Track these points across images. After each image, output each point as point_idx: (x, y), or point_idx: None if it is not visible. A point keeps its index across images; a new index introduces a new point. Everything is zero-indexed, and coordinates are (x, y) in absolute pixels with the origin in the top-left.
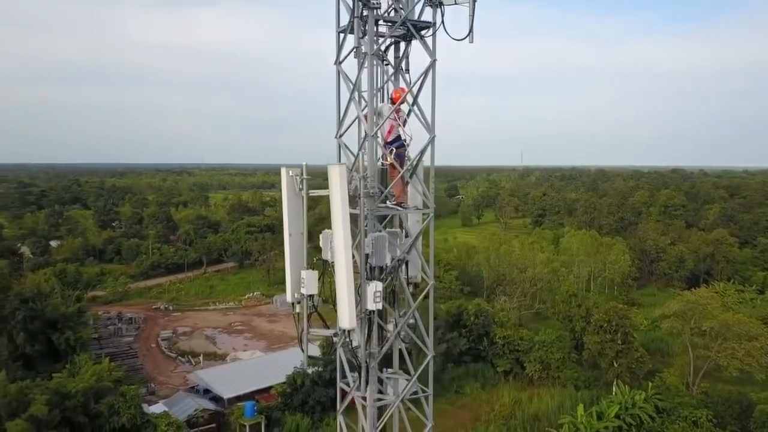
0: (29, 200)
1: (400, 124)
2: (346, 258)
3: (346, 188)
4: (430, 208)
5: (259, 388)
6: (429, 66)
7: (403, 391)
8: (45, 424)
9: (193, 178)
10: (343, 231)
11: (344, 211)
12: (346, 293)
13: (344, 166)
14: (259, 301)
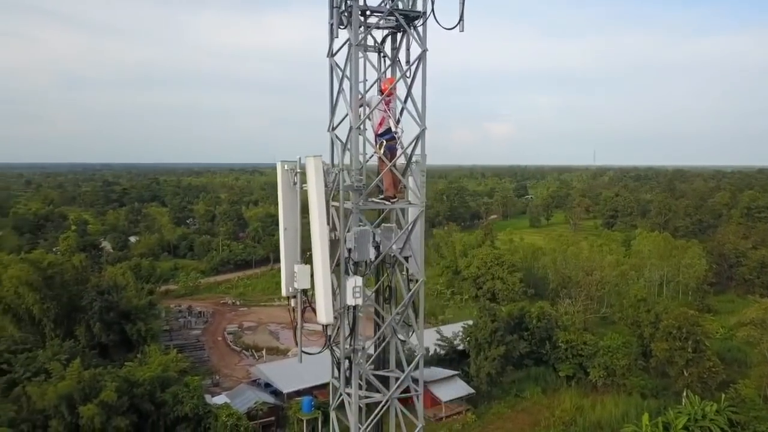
0: (112, 198)
1: (390, 116)
2: (322, 252)
3: (322, 181)
4: (420, 202)
5: (317, 384)
6: (419, 56)
7: (393, 390)
8: (114, 409)
9: (265, 177)
10: (319, 225)
11: (320, 205)
12: (323, 287)
13: (320, 158)
14: None
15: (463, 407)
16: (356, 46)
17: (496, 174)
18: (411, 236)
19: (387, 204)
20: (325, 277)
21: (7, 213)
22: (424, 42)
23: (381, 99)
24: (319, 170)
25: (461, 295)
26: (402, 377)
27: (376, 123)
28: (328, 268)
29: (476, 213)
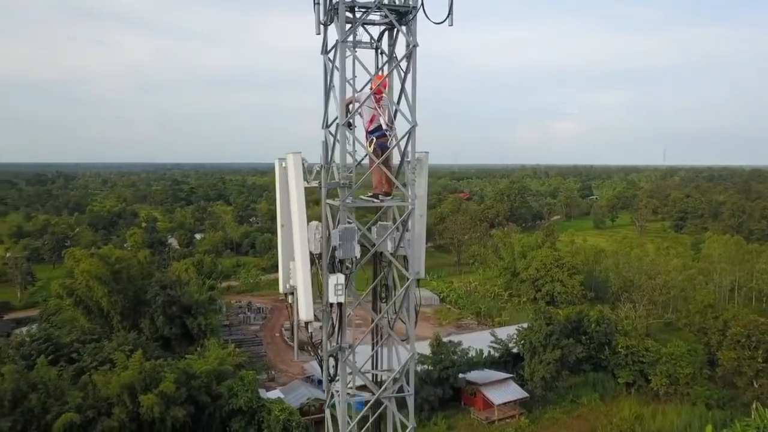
0: (180, 196)
1: (381, 113)
2: (302, 249)
3: (301, 178)
4: (410, 200)
5: None
6: (409, 52)
7: (381, 389)
8: (173, 400)
9: None
10: (299, 222)
11: (300, 201)
12: (303, 284)
13: (299, 155)
14: None
15: (517, 411)
16: (342, 42)
17: (560, 174)
18: (406, 234)
19: (375, 201)
20: (305, 274)
21: (85, 210)
22: (414, 37)
23: (368, 96)
24: (299, 167)
25: (519, 297)
26: (392, 376)
27: (367, 120)
28: (308, 265)
29: (538, 214)
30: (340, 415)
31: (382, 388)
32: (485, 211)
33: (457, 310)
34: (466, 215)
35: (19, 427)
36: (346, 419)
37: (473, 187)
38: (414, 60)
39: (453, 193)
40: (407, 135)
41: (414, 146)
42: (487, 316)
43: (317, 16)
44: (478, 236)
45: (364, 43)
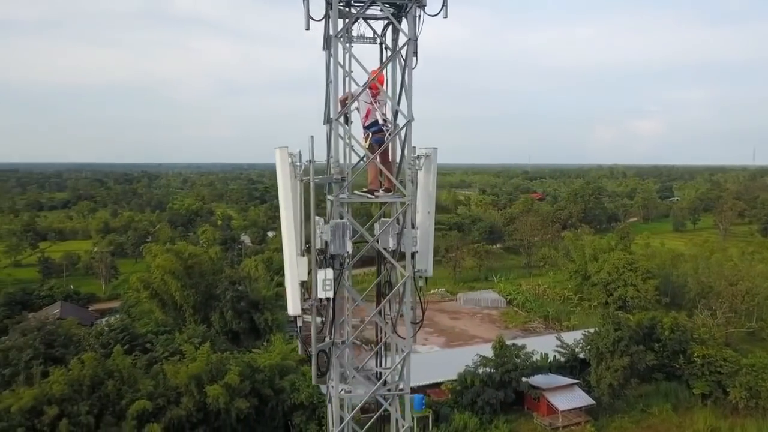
0: (255, 195)
1: (377, 108)
2: (289, 243)
3: (287, 173)
4: (406, 196)
5: (430, 382)
6: (404, 45)
7: (375, 388)
8: (237, 391)
9: None
10: (286, 217)
11: (286, 196)
12: (290, 278)
13: (285, 149)
14: (443, 298)
15: (582, 418)
16: (336, 37)
17: (638, 174)
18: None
19: (371, 197)
20: (292, 269)
21: (165, 208)
22: (412, 30)
23: (361, 90)
24: (285, 162)
25: (589, 301)
26: (386, 375)
27: (363, 115)
28: (295, 260)
29: (614, 215)
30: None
31: (376, 386)
32: (557, 212)
33: (524, 313)
34: (538, 216)
35: (95, 411)
36: (338, 416)
37: (547, 188)
38: (410, 53)
39: (525, 193)
40: (404, 130)
41: (410, 142)
42: (555, 320)
43: (306, 10)
44: (549, 238)
45: (367, 37)
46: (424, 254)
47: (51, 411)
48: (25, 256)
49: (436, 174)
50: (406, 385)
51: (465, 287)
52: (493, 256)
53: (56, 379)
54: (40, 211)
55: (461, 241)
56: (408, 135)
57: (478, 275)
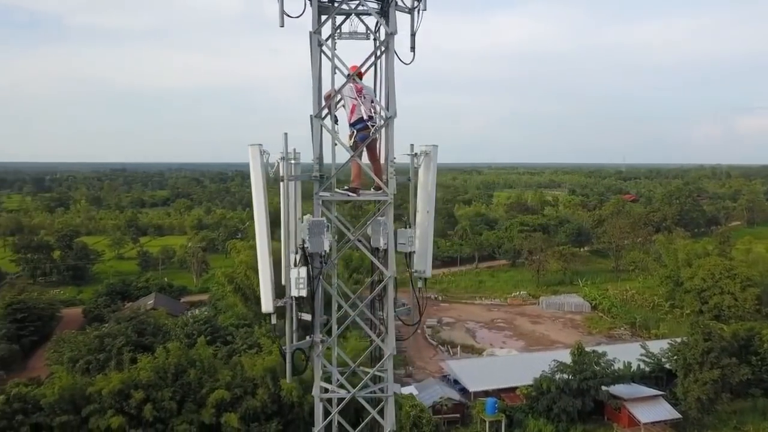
0: None
1: (361, 104)
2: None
3: (260, 169)
4: (387, 194)
5: (505, 386)
6: (385, 40)
7: (357, 388)
8: (310, 386)
9: (482, 176)
10: (258, 214)
11: (258, 194)
12: (262, 275)
13: (257, 147)
14: (525, 301)
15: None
16: (314, 33)
17: (744, 174)
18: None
19: (352, 195)
20: (264, 266)
21: None
22: (393, 25)
23: (342, 86)
24: (257, 159)
25: (681, 309)
26: (369, 374)
27: (349, 111)
28: (270, 257)
29: (714, 218)
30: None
31: (359, 386)
32: (650, 214)
33: (609, 318)
34: (629, 218)
35: (178, 398)
36: (320, 415)
37: (641, 189)
38: (391, 48)
39: (617, 194)
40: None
41: (391, 138)
42: (642, 328)
43: (281, 6)
44: (640, 241)
45: (360, 33)
46: (423, 254)
47: (137, 395)
48: (126, 249)
49: (436, 172)
50: (390, 387)
51: (548, 291)
52: (579, 259)
53: (143, 365)
54: (142, 208)
55: (546, 243)
56: (390, 132)
57: (563, 279)
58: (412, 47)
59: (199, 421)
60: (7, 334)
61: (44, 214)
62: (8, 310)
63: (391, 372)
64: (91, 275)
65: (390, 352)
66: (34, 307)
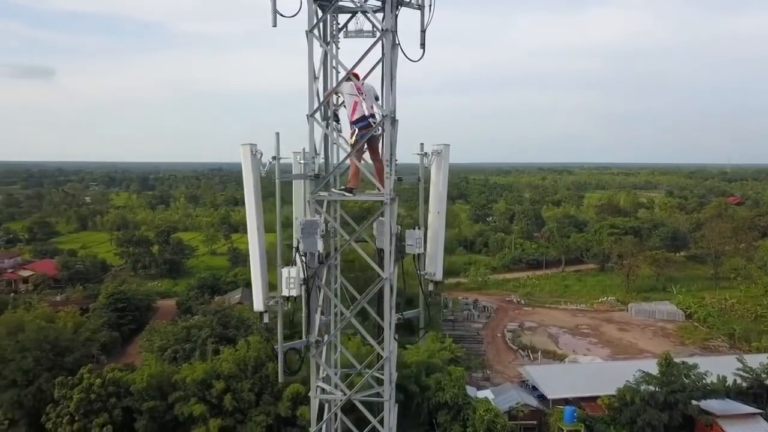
0: None
1: (362, 101)
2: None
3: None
4: (384, 194)
5: (586, 395)
6: (379, 38)
7: (353, 390)
8: None
9: (573, 177)
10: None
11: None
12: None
13: (248, 147)
14: (612, 307)
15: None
16: (309, 32)
17: None
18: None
19: (348, 195)
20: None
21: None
22: (388, 21)
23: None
24: (247, 158)
25: None
26: (364, 378)
27: (350, 110)
28: (264, 256)
29: None
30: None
31: (354, 389)
32: (756, 218)
33: (705, 329)
34: (731, 222)
35: (256, 390)
36: (315, 416)
37: (747, 190)
38: (385, 46)
39: (720, 196)
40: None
41: (388, 137)
42: (742, 340)
43: (273, 4)
44: (743, 247)
45: (366, 32)
46: (434, 256)
47: (219, 385)
48: (219, 245)
49: (447, 172)
50: (386, 391)
51: (638, 297)
52: (673, 265)
53: (225, 357)
54: (235, 206)
55: (637, 247)
56: (387, 130)
57: (655, 285)
58: (422, 44)
59: (276, 413)
60: (109, 322)
61: (147, 210)
62: (110, 300)
63: (388, 376)
64: (185, 269)
65: (387, 355)
66: (133, 297)
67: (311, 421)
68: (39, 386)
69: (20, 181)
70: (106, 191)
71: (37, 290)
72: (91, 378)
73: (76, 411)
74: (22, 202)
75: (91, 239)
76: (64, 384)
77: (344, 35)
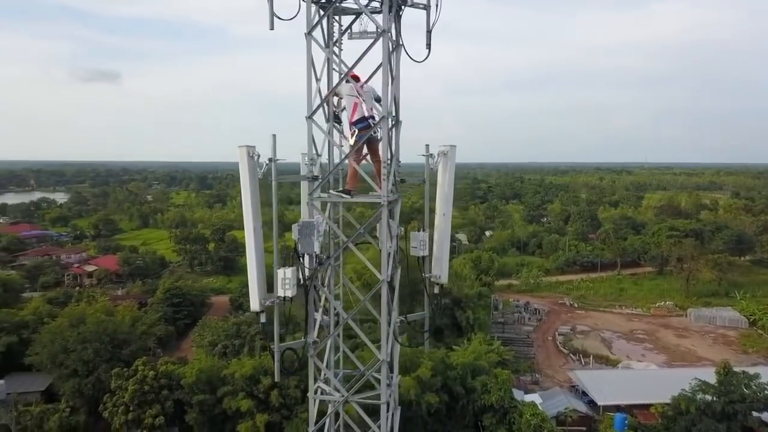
0: (477, 194)
1: (362, 102)
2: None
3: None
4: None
5: (638, 402)
6: (376, 39)
7: (350, 391)
8: (428, 385)
9: (632, 177)
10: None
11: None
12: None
13: (244, 148)
14: (670, 312)
15: None
16: (308, 35)
17: None
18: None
19: (345, 197)
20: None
21: None
22: (386, 22)
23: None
24: (244, 161)
25: None
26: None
27: (350, 111)
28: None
29: None
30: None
31: (351, 390)
32: None
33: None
34: None
35: (302, 387)
36: (313, 419)
37: None
38: (384, 47)
39: None
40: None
41: (387, 138)
42: None
43: (270, 7)
44: None
45: (369, 33)
46: (439, 259)
47: (266, 381)
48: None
49: (453, 173)
50: (384, 393)
51: (698, 302)
52: (737, 269)
53: None
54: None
55: (698, 250)
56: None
57: (716, 290)
58: (428, 44)
59: None
60: (165, 317)
61: (204, 209)
62: (167, 295)
63: (385, 378)
64: (239, 266)
65: (383, 358)
66: (188, 293)
67: (310, 421)
68: (98, 376)
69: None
70: (167, 190)
71: (100, 285)
72: (145, 370)
73: (131, 401)
74: (89, 200)
75: (151, 236)
76: (120, 375)
77: (349, 36)
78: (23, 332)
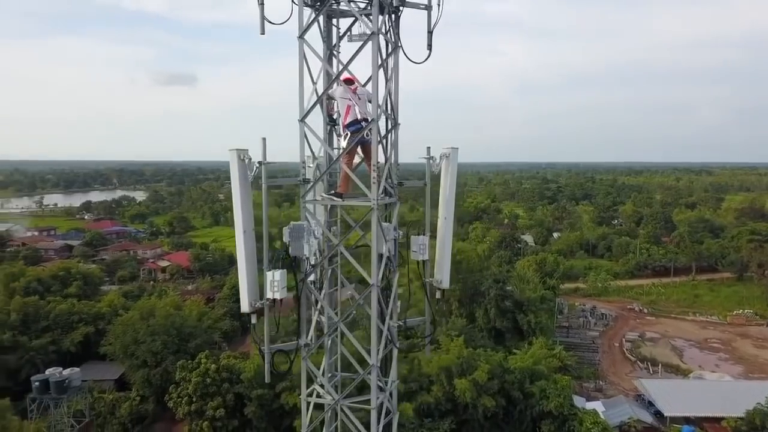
0: (546, 195)
1: (355, 104)
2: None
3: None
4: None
5: (709, 415)
6: (365, 41)
7: (342, 394)
8: (485, 389)
9: (712, 177)
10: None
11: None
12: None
13: (235, 151)
14: (749, 321)
15: None
16: (300, 38)
17: None
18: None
19: (337, 200)
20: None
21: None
22: (375, 24)
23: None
24: (235, 163)
25: None
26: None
27: (343, 113)
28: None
29: None
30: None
31: (344, 393)
32: None
33: None
34: None
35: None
36: (306, 419)
37: None
38: (374, 48)
39: None
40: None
41: (376, 141)
42: None
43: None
44: None
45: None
46: (441, 263)
47: None
48: None
49: (455, 177)
50: (373, 398)
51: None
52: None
53: None
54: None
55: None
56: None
57: None
58: (429, 45)
59: None
60: (230, 312)
61: (273, 207)
62: (233, 291)
63: (375, 383)
64: None
65: (373, 362)
66: None
67: (302, 423)
68: (165, 368)
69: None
70: None
71: (172, 279)
72: (207, 363)
73: (194, 393)
74: (165, 199)
75: (222, 234)
76: (185, 367)
77: (348, 39)
78: (99, 323)
